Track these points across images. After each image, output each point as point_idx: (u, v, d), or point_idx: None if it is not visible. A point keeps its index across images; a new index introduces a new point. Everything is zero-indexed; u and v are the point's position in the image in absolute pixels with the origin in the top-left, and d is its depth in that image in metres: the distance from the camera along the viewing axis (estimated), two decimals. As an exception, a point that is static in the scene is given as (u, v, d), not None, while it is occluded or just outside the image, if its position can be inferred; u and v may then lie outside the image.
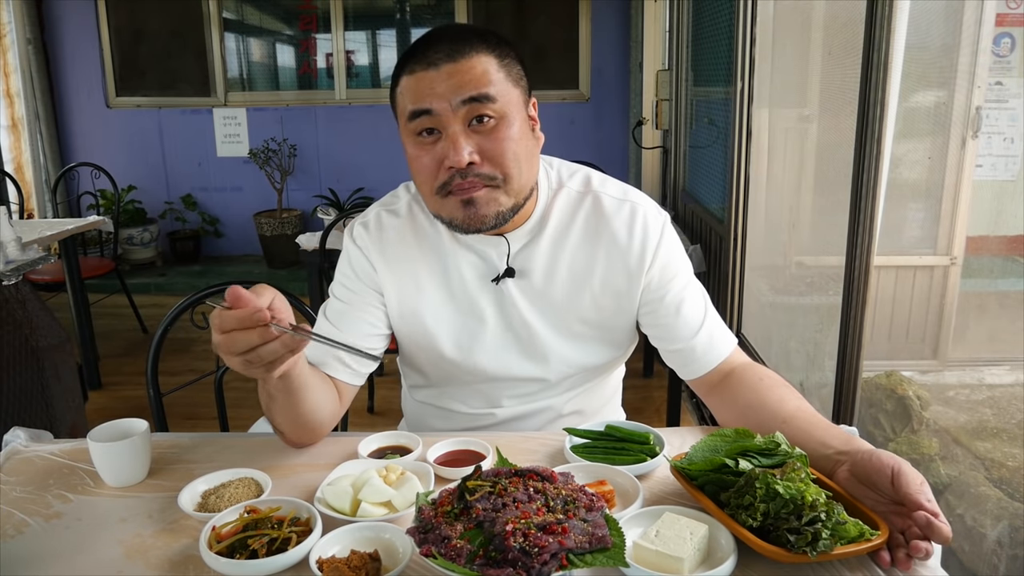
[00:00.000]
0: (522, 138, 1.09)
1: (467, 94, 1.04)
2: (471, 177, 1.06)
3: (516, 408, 1.29)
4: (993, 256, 2.08)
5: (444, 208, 1.11)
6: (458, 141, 1.04)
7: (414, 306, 1.22)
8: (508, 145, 1.06)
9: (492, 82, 1.05)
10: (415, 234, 1.22)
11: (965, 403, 1.95)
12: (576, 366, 1.26)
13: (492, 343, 1.22)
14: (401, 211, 1.24)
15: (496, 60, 1.07)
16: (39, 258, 2.58)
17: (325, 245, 2.95)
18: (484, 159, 1.06)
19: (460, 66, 1.04)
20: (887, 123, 1.54)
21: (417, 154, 1.09)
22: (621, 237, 1.20)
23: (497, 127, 1.06)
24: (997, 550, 1.50)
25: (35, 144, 5.40)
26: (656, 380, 3.56)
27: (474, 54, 1.05)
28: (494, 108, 1.05)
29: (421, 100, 1.05)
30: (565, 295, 1.21)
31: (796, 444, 0.98)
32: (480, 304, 1.21)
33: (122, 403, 3.46)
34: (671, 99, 3.99)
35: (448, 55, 1.04)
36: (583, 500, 0.88)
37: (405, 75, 1.07)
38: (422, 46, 1.06)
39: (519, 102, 1.09)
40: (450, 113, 1.04)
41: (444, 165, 1.06)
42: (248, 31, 5.73)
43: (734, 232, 2.76)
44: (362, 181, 5.62)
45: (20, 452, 1.19)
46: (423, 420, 1.38)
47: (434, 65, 1.04)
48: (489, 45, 1.07)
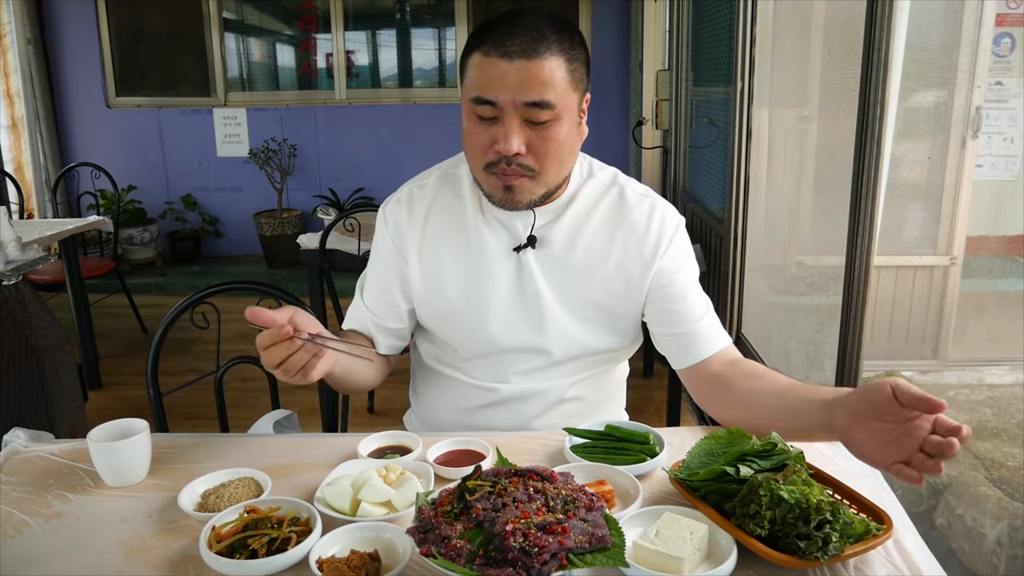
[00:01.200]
0: (567, 138, 1.17)
1: (531, 98, 1.10)
2: (515, 165, 1.15)
3: (520, 386, 1.32)
4: (993, 256, 2.08)
5: (486, 182, 1.20)
6: (511, 133, 1.12)
7: (433, 272, 1.30)
8: (553, 146, 1.15)
9: (556, 88, 1.11)
10: (440, 204, 1.31)
11: (965, 403, 1.95)
12: (579, 345, 1.31)
13: (503, 310, 1.28)
14: (430, 184, 1.33)
15: (566, 64, 1.13)
16: (39, 258, 2.58)
17: (325, 245, 2.95)
18: (530, 152, 1.15)
19: (532, 65, 1.10)
20: (887, 123, 1.54)
21: (473, 128, 1.16)
22: (639, 227, 1.28)
23: (549, 128, 1.14)
24: (997, 550, 1.50)
25: (35, 144, 5.40)
26: (656, 380, 3.56)
27: (547, 55, 1.10)
28: (551, 112, 1.12)
29: (488, 90, 1.11)
30: (580, 271, 1.27)
31: (800, 409, 1.04)
32: (497, 272, 1.28)
33: (122, 403, 3.46)
34: (671, 99, 3.99)
35: (524, 52, 1.09)
36: (583, 500, 0.88)
37: (480, 52, 1.12)
38: (505, 29, 1.11)
39: (574, 105, 1.17)
40: (511, 107, 1.11)
41: (494, 148, 1.14)
42: (248, 31, 5.73)
43: (734, 232, 2.76)
44: (362, 181, 5.62)
45: (20, 452, 1.19)
46: (428, 396, 1.43)
47: (508, 57, 1.09)
48: (563, 47, 1.12)
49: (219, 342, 1.69)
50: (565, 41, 1.12)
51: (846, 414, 0.93)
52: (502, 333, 1.29)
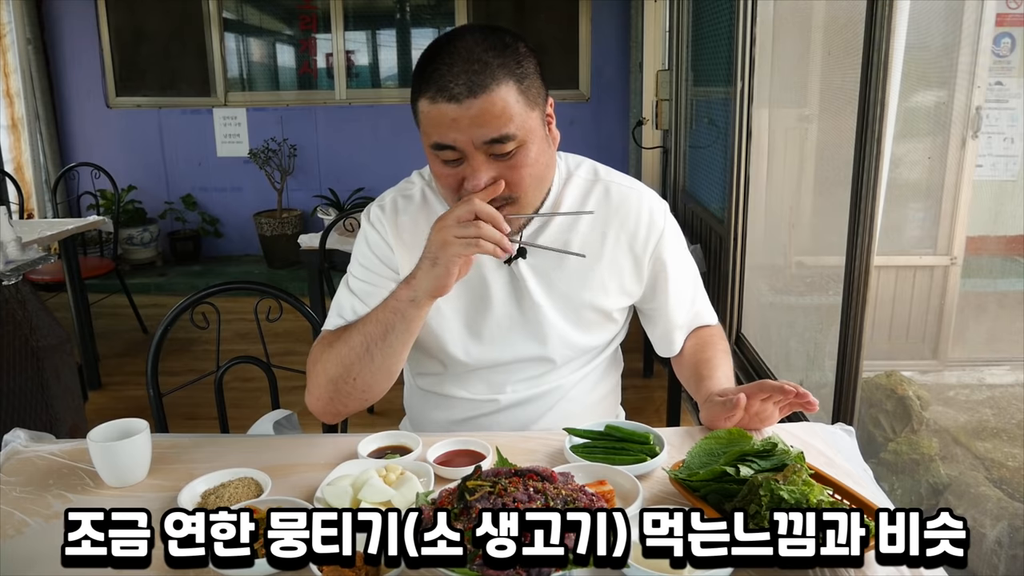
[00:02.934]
0: (539, 156, 1.13)
1: (489, 136, 1.06)
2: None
3: (519, 394, 1.32)
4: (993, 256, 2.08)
5: None
6: (478, 173, 1.09)
7: None
8: (526, 171, 1.11)
9: (513, 117, 1.06)
10: (428, 219, 1.24)
11: (965, 403, 1.95)
12: (579, 347, 1.31)
13: (499, 324, 1.26)
14: (415, 196, 1.29)
15: (516, 87, 1.07)
16: (39, 258, 2.58)
17: (325, 245, 2.95)
18: (503, 183, 1.11)
19: (481, 103, 1.04)
20: (887, 123, 1.54)
21: (439, 170, 1.13)
22: (630, 222, 1.27)
23: (516, 156, 1.10)
24: (997, 550, 1.50)
25: (35, 144, 5.40)
26: (656, 380, 3.56)
27: (494, 86, 1.04)
28: (514, 140, 1.08)
29: (443, 135, 1.07)
30: (575, 275, 1.26)
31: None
32: (490, 285, 1.25)
33: (122, 403, 3.46)
34: (671, 99, 3.99)
35: (469, 89, 1.03)
36: (583, 500, 0.88)
37: (426, 100, 1.07)
38: (443, 70, 1.05)
39: (538, 122, 1.12)
40: (471, 147, 1.07)
41: (464, 186, 1.11)
42: (248, 31, 5.73)
43: (734, 232, 2.76)
44: (362, 181, 5.62)
45: (20, 452, 1.19)
46: (425, 411, 1.40)
47: (455, 99, 1.04)
48: (509, 69, 1.06)
49: (219, 342, 1.69)
50: (510, 61, 1.06)
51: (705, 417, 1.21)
52: (502, 346, 1.27)
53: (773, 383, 1.12)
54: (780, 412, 1.16)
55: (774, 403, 1.14)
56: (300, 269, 5.32)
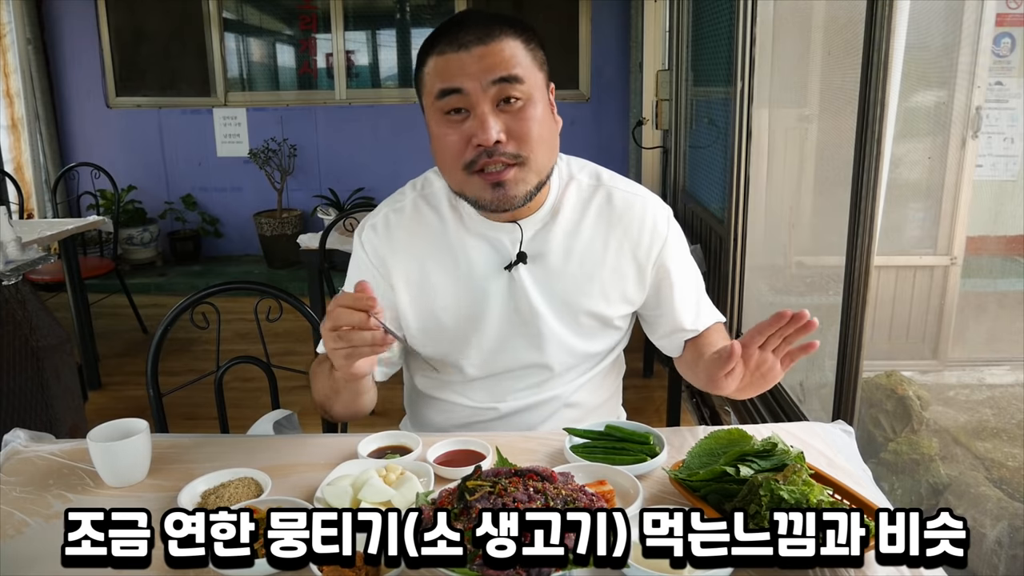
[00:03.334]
0: (545, 119, 1.13)
1: (497, 74, 1.07)
2: (497, 155, 1.09)
3: (520, 401, 1.31)
4: (993, 256, 2.08)
5: (469, 187, 1.14)
6: (487, 120, 1.08)
7: (424, 298, 1.25)
8: (533, 125, 1.11)
9: (520, 64, 1.09)
10: (422, 229, 1.25)
11: (965, 403, 1.95)
12: (579, 355, 1.29)
13: (498, 330, 1.25)
14: (406, 208, 1.27)
15: (523, 44, 1.11)
16: (39, 258, 2.58)
17: (325, 245, 2.95)
18: (510, 138, 1.10)
19: (490, 48, 1.08)
20: (887, 123, 1.54)
21: (444, 132, 1.12)
22: (633, 230, 1.26)
23: (524, 108, 1.10)
24: (997, 550, 1.50)
25: (35, 144, 5.40)
26: (656, 380, 3.55)
27: (503, 37, 1.09)
28: (521, 89, 1.09)
29: (451, 79, 1.08)
30: (576, 282, 1.24)
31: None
32: (489, 291, 1.23)
33: (122, 403, 3.46)
34: (671, 99, 3.99)
35: (479, 38, 1.08)
36: (583, 500, 0.88)
37: (434, 55, 1.10)
38: (453, 28, 1.10)
39: (542, 85, 1.14)
40: (480, 93, 1.08)
41: (472, 143, 1.09)
42: (248, 31, 5.72)
43: (734, 232, 2.76)
44: (362, 181, 5.62)
45: (20, 452, 1.19)
46: (426, 417, 1.39)
47: (465, 47, 1.08)
48: (516, 30, 1.11)
49: (219, 342, 1.69)
50: (516, 25, 1.12)
51: (703, 379, 1.18)
52: (501, 354, 1.26)
53: (765, 320, 1.04)
54: (778, 354, 1.05)
55: (773, 351, 1.05)
56: (300, 269, 5.31)
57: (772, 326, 1.02)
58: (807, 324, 1.00)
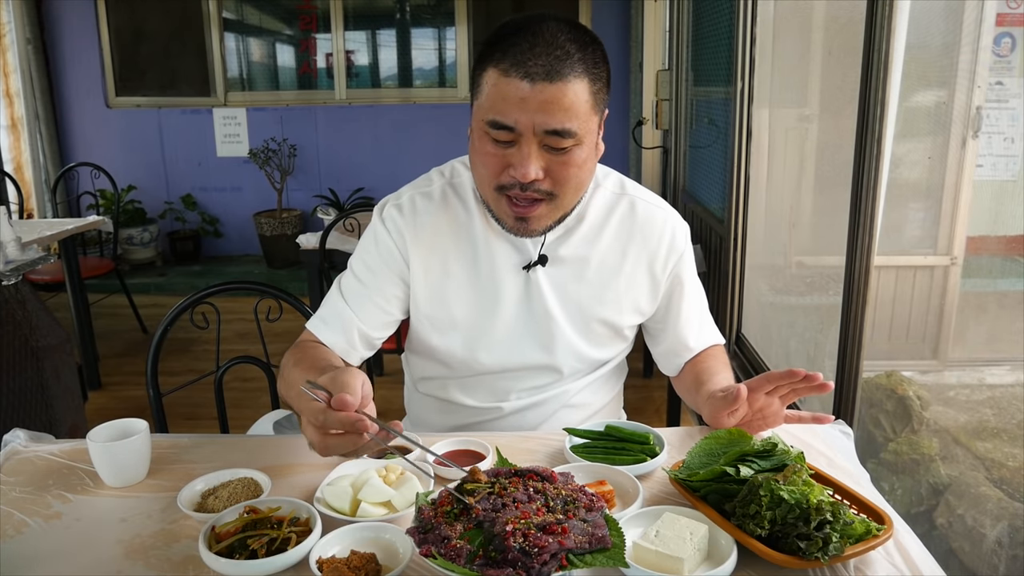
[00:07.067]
0: (587, 162, 1.11)
1: (552, 126, 1.04)
2: (530, 190, 1.08)
3: (523, 401, 1.31)
4: (993, 256, 2.08)
5: (495, 205, 1.14)
6: (529, 161, 1.05)
7: (439, 289, 1.24)
8: (572, 171, 1.09)
9: (578, 115, 1.05)
10: (448, 219, 1.23)
11: (965, 403, 1.94)
12: (587, 360, 1.30)
13: (508, 328, 1.25)
14: (435, 195, 1.24)
15: (589, 85, 1.06)
16: (39, 258, 2.57)
17: (325, 245, 2.95)
18: (547, 176, 1.08)
19: (555, 89, 1.02)
20: (887, 123, 1.54)
21: (485, 149, 1.09)
22: (652, 242, 1.27)
23: (568, 153, 1.08)
24: (997, 550, 1.50)
25: (35, 144, 5.40)
26: (656, 380, 3.55)
27: (572, 78, 1.03)
28: (573, 140, 1.06)
29: (506, 114, 1.04)
30: (591, 289, 1.25)
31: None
32: (505, 290, 1.23)
33: (122, 403, 3.46)
34: (671, 99, 3.99)
35: (547, 73, 1.02)
36: (583, 500, 0.88)
37: (497, 71, 1.04)
38: (525, 46, 1.02)
39: (595, 128, 1.12)
40: (530, 133, 1.05)
41: (508, 172, 1.08)
42: (248, 31, 5.72)
43: (734, 232, 2.76)
44: (362, 181, 5.62)
45: (20, 452, 1.19)
46: (427, 416, 1.39)
47: (530, 78, 1.02)
48: (587, 66, 1.05)
49: (219, 342, 1.69)
50: (588, 59, 1.05)
51: (707, 415, 1.18)
52: (509, 351, 1.26)
53: (778, 372, 1.07)
54: (784, 401, 1.10)
55: (779, 397, 1.09)
56: (300, 269, 5.32)
57: (783, 379, 1.05)
58: (820, 386, 1.04)
